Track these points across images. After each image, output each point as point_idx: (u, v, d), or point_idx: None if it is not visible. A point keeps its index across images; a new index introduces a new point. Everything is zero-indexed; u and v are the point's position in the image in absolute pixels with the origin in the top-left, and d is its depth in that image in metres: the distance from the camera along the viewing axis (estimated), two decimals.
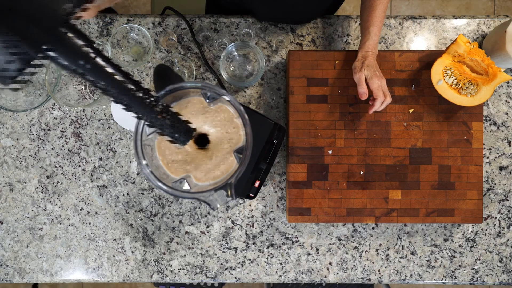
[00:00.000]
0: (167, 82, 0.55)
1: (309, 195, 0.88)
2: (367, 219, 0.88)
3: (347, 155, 0.88)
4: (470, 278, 0.94)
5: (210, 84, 0.54)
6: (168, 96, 0.54)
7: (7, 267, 0.94)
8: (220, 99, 0.56)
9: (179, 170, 0.57)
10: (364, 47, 0.79)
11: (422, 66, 0.88)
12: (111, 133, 0.93)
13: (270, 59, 0.93)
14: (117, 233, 0.94)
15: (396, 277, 0.94)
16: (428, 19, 0.94)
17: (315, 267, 0.94)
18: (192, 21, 0.93)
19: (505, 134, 0.94)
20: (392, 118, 0.88)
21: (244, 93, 0.93)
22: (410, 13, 1.84)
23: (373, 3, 0.78)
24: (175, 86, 0.53)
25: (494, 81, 0.84)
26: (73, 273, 0.94)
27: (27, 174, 0.93)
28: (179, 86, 0.53)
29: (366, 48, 0.78)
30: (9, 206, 0.93)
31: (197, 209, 0.93)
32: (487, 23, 0.94)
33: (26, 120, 0.93)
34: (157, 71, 0.58)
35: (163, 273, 0.94)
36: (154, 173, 0.53)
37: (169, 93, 0.53)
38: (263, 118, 0.75)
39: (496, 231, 0.94)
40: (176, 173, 0.57)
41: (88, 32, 0.93)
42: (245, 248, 0.93)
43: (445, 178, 0.88)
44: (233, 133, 0.57)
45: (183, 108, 0.57)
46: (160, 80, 0.57)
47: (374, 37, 0.78)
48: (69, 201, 0.93)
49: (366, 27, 0.79)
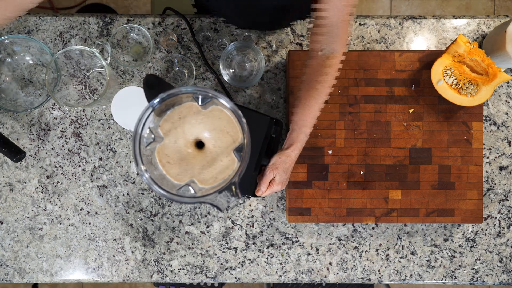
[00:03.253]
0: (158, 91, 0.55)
1: (309, 195, 0.88)
2: (367, 219, 0.88)
3: (347, 155, 0.88)
4: (470, 278, 0.94)
5: (201, 87, 0.54)
6: (161, 105, 0.54)
7: (7, 267, 0.94)
8: (213, 100, 0.56)
9: (182, 177, 0.57)
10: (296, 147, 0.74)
11: (422, 66, 0.88)
12: (111, 133, 0.93)
13: (270, 59, 0.93)
14: (117, 233, 0.94)
15: (396, 277, 0.94)
16: (428, 19, 0.94)
17: (315, 267, 0.94)
18: (192, 21, 0.93)
19: (505, 134, 0.94)
20: (392, 118, 0.88)
21: (244, 93, 0.93)
22: (410, 13, 1.85)
23: (308, 101, 0.72)
24: (166, 94, 0.53)
25: (494, 81, 0.84)
26: (73, 273, 0.94)
27: (27, 174, 0.93)
28: (170, 93, 0.53)
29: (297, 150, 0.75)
30: (9, 206, 0.93)
31: (197, 209, 0.93)
32: (487, 23, 0.94)
33: (26, 120, 0.93)
34: (147, 82, 0.58)
35: (163, 273, 0.94)
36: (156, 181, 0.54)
37: (161, 102, 0.54)
38: (258, 115, 0.75)
39: (496, 231, 0.94)
40: (179, 180, 0.57)
41: (88, 32, 0.93)
42: (245, 248, 0.94)
43: (445, 178, 0.88)
44: (230, 133, 0.57)
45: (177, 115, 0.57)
46: (151, 90, 0.57)
47: (305, 138, 0.74)
48: (69, 201, 0.93)
49: (299, 125, 0.74)
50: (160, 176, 0.57)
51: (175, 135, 0.57)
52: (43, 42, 0.91)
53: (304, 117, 0.73)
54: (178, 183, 0.57)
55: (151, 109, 0.54)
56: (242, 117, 0.54)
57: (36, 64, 0.93)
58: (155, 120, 0.57)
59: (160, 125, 0.57)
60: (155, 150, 0.57)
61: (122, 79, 0.93)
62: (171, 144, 0.57)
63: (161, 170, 0.57)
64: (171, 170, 0.57)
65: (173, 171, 0.57)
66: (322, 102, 0.73)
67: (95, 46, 0.89)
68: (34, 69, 0.93)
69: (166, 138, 0.57)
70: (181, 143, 0.57)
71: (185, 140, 0.57)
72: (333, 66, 0.71)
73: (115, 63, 0.93)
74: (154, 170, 0.56)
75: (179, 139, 0.57)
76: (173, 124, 0.57)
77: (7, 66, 0.92)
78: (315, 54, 0.72)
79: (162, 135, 0.57)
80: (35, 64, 0.93)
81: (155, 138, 0.57)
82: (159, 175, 0.57)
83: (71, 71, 0.92)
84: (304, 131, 0.74)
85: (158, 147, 0.57)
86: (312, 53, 0.72)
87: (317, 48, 0.71)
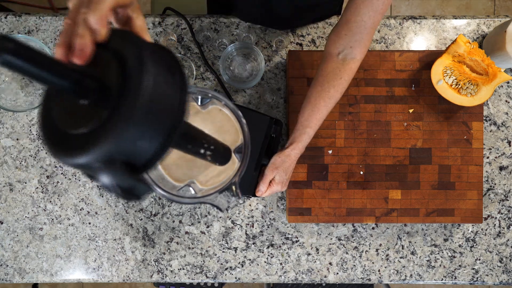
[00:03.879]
0: None
1: (309, 195, 0.88)
2: (367, 219, 0.88)
3: (347, 155, 0.88)
4: (470, 278, 0.94)
5: (199, 87, 0.54)
6: None
7: (7, 267, 0.94)
8: (213, 101, 0.56)
9: (182, 178, 0.57)
10: (297, 147, 0.74)
11: (422, 66, 0.88)
12: None
13: (270, 59, 0.93)
14: (117, 233, 0.94)
15: (396, 277, 0.94)
16: (428, 19, 0.94)
17: (315, 267, 0.94)
18: (192, 21, 0.93)
19: (505, 134, 0.94)
20: (392, 118, 0.88)
21: (244, 93, 0.93)
22: (410, 13, 1.85)
23: (318, 103, 0.72)
24: None
25: (494, 81, 0.84)
26: (73, 273, 0.94)
27: (27, 174, 0.93)
28: None
29: (297, 149, 0.75)
30: (9, 206, 0.93)
31: (197, 209, 0.93)
32: (487, 23, 0.94)
33: (26, 120, 0.93)
34: None
35: (163, 273, 0.94)
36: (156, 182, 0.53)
37: None
38: (258, 115, 0.75)
39: (496, 231, 0.94)
40: (179, 181, 0.57)
41: None
42: (245, 248, 0.94)
43: (445, 178, 0.88)
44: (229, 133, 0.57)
45: None
46: None
47: (307, 139, 0.74)
48: (69, 201, 0.93)
49: (304, 125, 0.73)
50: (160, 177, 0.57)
51: None
52: (43, 42, 0.91)
53: (310, 118, 0.73)
54: (178, 184, 0.57)
55: None
56: (242, 117, 0.54)
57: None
58: None
59: None
60: None
61: None
62: None
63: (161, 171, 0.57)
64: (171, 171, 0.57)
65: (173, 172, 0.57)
66: (331, 106, 0.73)
67: None
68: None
69: None
70: None
71: None
72: (350, 72, 0.70)
73: None
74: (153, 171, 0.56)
75: None
76: None
77: None
78: (333, 57, 0.70)
79: None
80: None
81: None
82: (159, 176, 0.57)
83: None
84: (308, 132, 0.73)
85: None
86: (330, 55, 0.70)
87: (337, 50, 0.69)
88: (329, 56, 0.71)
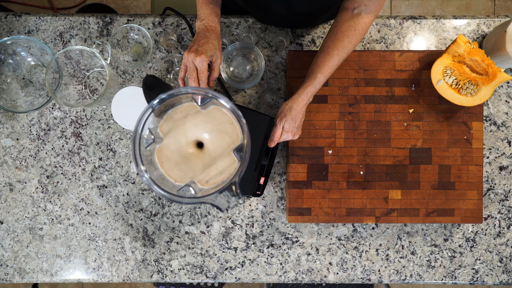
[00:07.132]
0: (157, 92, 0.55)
1: (309, 195, 0.88)
2: (367, 219, 0.88)
3: (347, 155, 0.88)
4: (470, 278, 0.94)
5: (200, 88, 0.54)
6: (160, 106, 0.55)
7: (7, 267, 0.94)
8: (213, 101, 0.56)
9: (182, 178, 0.57)
10: (304, 92, 0.74)
11: (422, 66, 0.88)
12: (111, 133, 0.93)
13: (270, 59, 0.93)
14: (117, 233, 0.94)
15: (396, 277, 0.94)
16: (428, 19, 0.94)
17: (315, 267, 0.94)
18: (192, 21, 0.93)
19: (505, 134, 0.94)
20: (392, 118, 0.88)
21: (244, 93, 0.93)
22: (410, 13, 1.85)
23: (331, 51, 0.73)
24: (166, 94, 0.53)
25: (494, 81, 0.84)
26: (73, 273, 0.94)
27: (27, 174, 0.93)
28: (169, 94, 0.54)
29: (305, 94, 0.74)
30: (9, 206, 0.93)
31: (197, 209, 0.93)
32: (487, 23, 0.94)
33: (26, 120, 0.93)
34: (146, 83, 0.58)
35: (163, 273, 0.94)
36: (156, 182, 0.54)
37: (161, 103, 0.54)
38: (257, 114, 0.75)
39: (496, 231, 0.94)
40: (179, 181, 0.57)
41: (88, 32, 0.93)
42: (245, 248, 0.94)
43: (445, 178, 0.88)
44: (229, 133, 0.57)
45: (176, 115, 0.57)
46: (150, 91, 0.58)
47: (317, 85, 0.74)
48: (69, 201, 0.93)
49: (315, 71, 0.74)
50: (160, 177, 0.57)
51: (175, 136, 0.57)
52: (43, 42, 0.91)
53: (322, 64, 0.74)
54: (178, 184, 0.57)
55: (150, 110, 0.54)
56: (241, 117, 0.54)
57: (37, 64, 0.93)
58: (155, 121, 0.57)
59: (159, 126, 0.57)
60: (155, 151, 0.57)
61: (122, 79, 0.93)
62: (171, 145, 0.57)
63: (161, 171, 0.57)
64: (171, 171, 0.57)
65: (173, 172, 0.57)
66: (343, 56, 0.74)
67: (95, 46, 0.89)
68: (34, 69, 0.93)
69: (166, 139, 0.57)
70: (180, 144, 0.57)
71: (184, 140, 0.57)
72: (364, 26, 0.73)
73: (115, 63, 0.93)
74: (154, 171, 0.56)
75: (178, 140, 0.57)
76: (172, 125, 0.57)
77: (7, 67, 0.92)
78: (349, 11, 0.73)
79: (161, 136, 0.57)
80: (36, 65, 0.93)
81: (155, 139, 0.57)
82: (159, 176, 0.57)
83: (71, 71, 0.92)
84: (318, 78, 0.74)
85: (158, 148, 0.57)
86: (346, 9, 0.74)
87: (353, 6, 0.73)
88: (345, 10, 0.74)
